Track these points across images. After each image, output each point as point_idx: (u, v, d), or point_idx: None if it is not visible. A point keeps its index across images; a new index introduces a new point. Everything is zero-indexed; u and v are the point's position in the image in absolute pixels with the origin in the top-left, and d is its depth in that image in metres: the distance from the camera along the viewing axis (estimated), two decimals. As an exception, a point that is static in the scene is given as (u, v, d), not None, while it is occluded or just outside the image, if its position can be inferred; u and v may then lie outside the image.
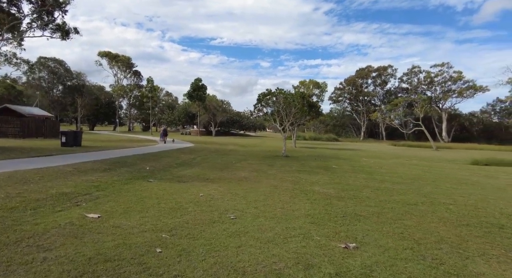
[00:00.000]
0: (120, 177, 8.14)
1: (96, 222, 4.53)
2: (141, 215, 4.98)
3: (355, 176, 10.17)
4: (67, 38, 29.01)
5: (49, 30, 28.06)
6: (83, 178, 7.63)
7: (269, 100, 16.81)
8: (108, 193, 6.39)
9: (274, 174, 10.12)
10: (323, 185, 8.23)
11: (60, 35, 28.57)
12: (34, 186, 6.41)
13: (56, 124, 32.45)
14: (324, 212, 5.45)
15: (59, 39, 28.69)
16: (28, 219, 4.51)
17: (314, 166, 12.89)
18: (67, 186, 6.64)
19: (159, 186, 7.40)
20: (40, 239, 3.77)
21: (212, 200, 6.19)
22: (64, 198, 5.73)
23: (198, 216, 4.99)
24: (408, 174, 11.42)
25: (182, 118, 62.59)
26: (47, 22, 27.56)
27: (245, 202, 6.02)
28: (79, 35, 29.86)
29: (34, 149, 14.77)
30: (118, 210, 5.17)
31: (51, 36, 28.35)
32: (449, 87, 57.82)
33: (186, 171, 10.18)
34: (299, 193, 7.13)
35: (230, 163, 12.86)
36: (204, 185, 7.78)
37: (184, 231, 4.26)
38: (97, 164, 9.90)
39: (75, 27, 29.34)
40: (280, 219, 4.96)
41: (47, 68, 67.69)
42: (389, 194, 7.37)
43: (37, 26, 27.71)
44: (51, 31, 28.19)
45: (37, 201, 5.40)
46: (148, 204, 5.69)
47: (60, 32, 28.44)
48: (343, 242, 3.89)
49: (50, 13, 26.63)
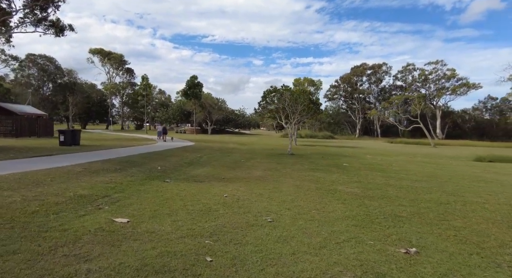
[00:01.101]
0: (134, 177, 7.77)
1: (127, 227, 4.21)
2: (172, 218, 4.67)
3: (371, 174, 9.99)
4: (62, 35, 28.17)
5: (42, 26, 27.17)
6: (96, 179, 7.25)
7: (274, 98, 16.52)
8: (128, 195, 6.04)
9: (289, 172, 9.87)
10: (345, 184, 8.01)
11: (54, 32, 27.69)
12: (49, 188, 6.01)
13: (49, 123, 31.58)
14: (362, 213, 5.22)
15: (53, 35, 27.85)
16: (53, 224, 4.15)
17: (325, 164, 12.69)
18: (83, 188, 6.26)
19: (177, 187, 7.07)
20: (74, 247, 3.44)
21: (239, 201, 5.90)
22: (83, 201, 5.37)
23: (233, 219, 4.70)
24: (421, 171, 11.30)
25: (177, 116, 61.83)
26: (41, 18, 26.66)
27: (275, 203, 5.74)
28: (74, 32, 29.03)
29: (32, 149, 14.21)
30: (146, 214, 4.84)
31: (44, 33, 27.43)
32: (442, 84, 58.43)
33: (198, 170, 9.85)
34: (325, 192, 6.89)
35: (239, 162, 12.56)
36: (224, 185, 7.48)
37: (225, 236, 3.97)
38: (105, 164, 9.49)
39: (69, 24, 28.51)
40: (320, 221, 4.70)
41: (36, 66, 66.03)
42: (415, 192, 7.20)
43: (29, 21, 26.81)
44: (45, 27, 27.31)
45: (57, 204, 5.04)
46: (174, 206, 5.37)
47: (54, 29, 27.53)
48: (402, 247, 3.65)
49: (43, 9, 25.76)
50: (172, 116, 62.19)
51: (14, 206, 4.75)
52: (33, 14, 26.02)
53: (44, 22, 26.75)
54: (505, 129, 63.64)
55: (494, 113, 68.77)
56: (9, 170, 7.50)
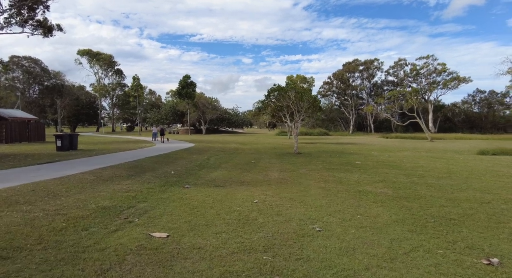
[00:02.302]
0: (151, 184, 7.34)
1: (169, 243, 3.83)
2: (212, 230, 4.32)
3: (390, 172, 9.78)
4: (50, 35, 27.14)
5: (29, 26, 26.12)
6: (112, 187, 6.80)
7: (279, 96, 16.19)
8: (153, 204, 5.64)
9: (307, 173, 9.58)
10: (370, 184, 7.77)
11: (42, 32, 26.64)
12: (67, 199, 5.56)
13: (41, 127, 30.51)
14: (408, 216, 4.96)
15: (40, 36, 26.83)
16: (87, 242, 3.75)
17: (337, 162, 12.44)
18: (103, 198, 5.83)
19: (200, 193, 6.69)
20: (122, 271, 3.06)
21: (273, 207, 5.57)
22: (109, 214, 4.95)
23: (278, 229, 4.37)
24: (435, 167, 11.16)
25: (169, 117, 60.85)
26: (27, 17, 25.59)
27: (312, 209, 5.43)
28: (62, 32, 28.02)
29: (29, 155, 13.55)
30: (182, 226, 4.47)
31: (32, 33, 26.38)
32: (433, 79, 59.12)
33: (213, 173, 9.46)
34: (357, 194, 6.62)
35: (249, 163, 12.20)
36: (247, 189, 7.14)
37: (281, 249, 3.64)
38: (116, 170, 9.01)
39: (58, 24, 27.49)
40: (371, 228, 4.41)
41: (21, 68, 64.02)
42: (446, 191, 6.99)
43: (15, 22, 25.72)
44: (32, 27, 26.25)
45: (83, 218, 4.61)
46: (208, 215, 5.01)
47: (42, 29, 26.49)
48: (481, 257, 3.38)
49: (31, 9, 24.74)
50: (164, 117, 61.17)
51: (38, 222, 4.31)
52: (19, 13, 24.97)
53: (31, 21, 25.75)
54: (493, 122, 65.02)
55: (483, 106, 70.12)
56: (15, 181, 6.98)
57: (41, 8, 25.74)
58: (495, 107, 68.42)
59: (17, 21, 25.87)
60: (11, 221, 4.29)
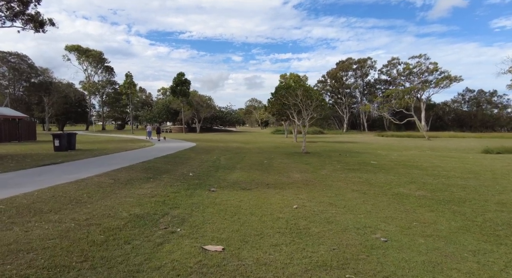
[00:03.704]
0: (174, 188, 6.85)
1: (229, 258, 3.41)
2: (268, 242, 3.91)
3: (412, 173, 9.54)
4: (42, 30, 26.03)
5: (19, 20, 24.96)
6: (135, 192, 6.30)
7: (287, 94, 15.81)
8: (187, 211, 5.18)
9: (329, 175, 9.24)
10: (402, 186, 7.48)
11: (33, 27, 25.51)
12: (93, 207, 5.05)
13: (32, 126, 29.34)
14: (470, 223, 4.66)
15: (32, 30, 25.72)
16: (137, 260, 3.28)
17: (353, 162, 12.16)
18: (131, 205, 5.33)
19: (230, 196, 6.27)
20: (197, 298, 2.62)
21: (317, 213, 5.19)
22: (145, 223, 4.48)
23: (339, 240, 4.00)
24: (453, 167, 11.00)
25: (162, 115, 59.76)
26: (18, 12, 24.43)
27: (362, 215, 5.07)
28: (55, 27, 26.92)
29: (27, 156, 12.79)
30: (233, 237, 4.05)
31: (23, 28, 25.22)
32: (426, 78, 59.81)
33: (232, 175, 9.01)
34: (396, 198, 6.31)
35: (263, 163, 11.80)
36: (277, 193, 6.75)
37: (359, 265, 3.26)
38: (130, 172, 8.47)
39: (50, 19, 26.37)
40: (439, 237, 4.09)
41: (6, 64, 61.74)
42: (484, 193, 6.76)
43: (5, 16, 24.52)
44: (23, 22, 25.09)
45: (120, 229, 4.13)
46: (253, 223, 4.59)
47: (33, 24, 25.36)
48: None
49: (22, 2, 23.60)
50: (157, 115, 60.05)
51: (74, 234, 3.81)
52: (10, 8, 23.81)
53: (21, 16, 24.62)
54: (482, 121, 66.36)
55: (472, 105, 71.56)
56: (27, 185, 6.39)
57: (33, 1, 24.62)
58: (484, 106, 69.90)
59: (6, 15, 24.69)
60: (44, 233, 3.78)
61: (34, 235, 3.73)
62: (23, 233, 3.79)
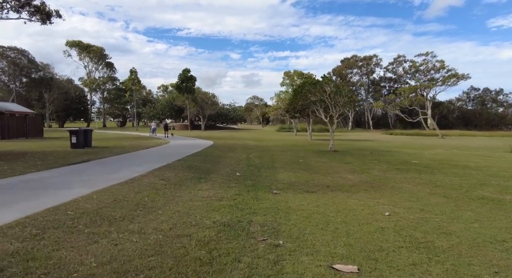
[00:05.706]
0: (235, 189, 6.20)
1: (373, 282, 2.77)
2: (402, 259, 3.27)
3: (468, 173, 9.01)
4: (49, 22, 25.11)
5: (25, 12, 24.05)
6: (198, 194, 5.64)
7: (314, 90, 15.18)
8: (270, 218, 4.55)
9: (385, 175, 8.63)
10: (480, 189, 6.95)
11: (40, 18, 24.59)
12: (166, 213, 4.38)
13: (38, 121, 28.53)
14: None
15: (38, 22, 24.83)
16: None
17: (395, 161, 11.57)
18: (205, 210, 4.68)
19: (300, 200, 5.65)
20: None
21: (420, 222, 4.57)
22: (237, 233, 3.83)
23: (486, 258, 3.37)
24: (502, 167, 10.48)
25: (166, 112, 58.85)
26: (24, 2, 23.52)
27: (476, 225, 4.47)
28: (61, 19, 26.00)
29: (47, 153, 12.05)
30: (354, 253, 3.41)
31: (29, 19, 24.26)
32: (432, 76, 59.36)
33: (280, 175, 8.38)
34: (488, 203, 5.74)
35: (299, 162, 11.17)
36: (349, 196, 6.14)
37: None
38: (174, 172, 7.79)
39: (56, 10, 25.40)
40: None
41: (6, 59, 60.48)
42: None
43: (10, 7, 23.61)
44: (29, 13, 24.17)
45: (215, 242, 3.48)
46: (361, 236, 3.97)
47: (40, 15, 24.45)
48: None
49: (29, -9, 22.68)
50: (160, 112, 59.14)
51: (171, 250, 3.15)
52: (16, -2, 22.91)
53: (27, 7, 23.73)
54: (487, 119, 66.12)
55: (477, 103, 71.31)
56: (76, 187, 5.71)
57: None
58: (489, 104, 69.68)
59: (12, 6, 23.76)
60: (137, 248, 3.12)
61: (128, 250, 3.07)
62: (113, 246, 3.14)
